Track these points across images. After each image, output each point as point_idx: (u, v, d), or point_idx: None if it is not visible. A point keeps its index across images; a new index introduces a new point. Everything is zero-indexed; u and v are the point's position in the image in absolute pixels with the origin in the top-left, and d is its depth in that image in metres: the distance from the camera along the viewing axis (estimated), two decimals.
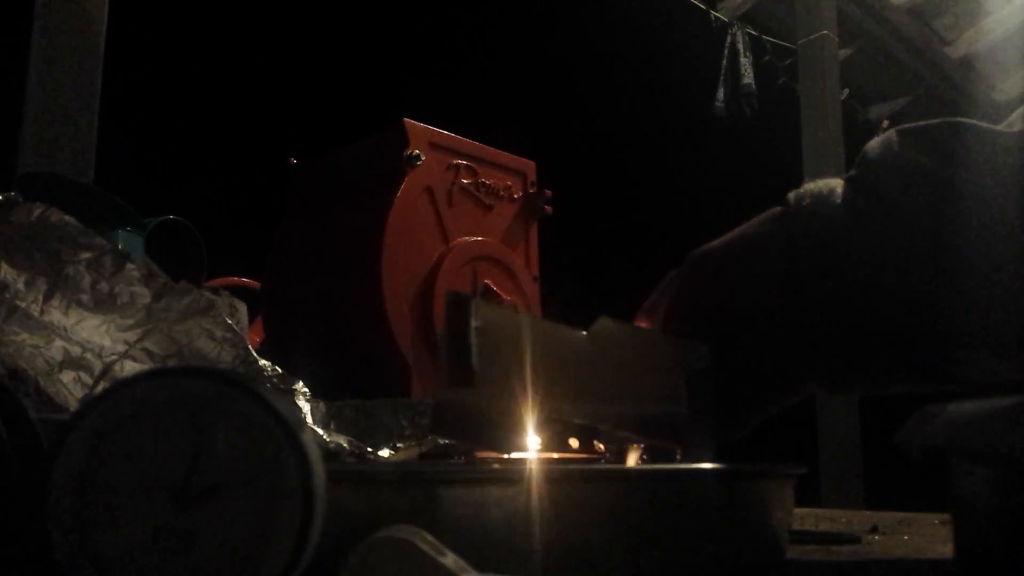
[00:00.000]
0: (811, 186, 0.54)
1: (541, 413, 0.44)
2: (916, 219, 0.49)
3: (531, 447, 0.45)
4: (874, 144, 0.54)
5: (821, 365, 0.53)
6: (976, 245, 0.48)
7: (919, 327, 0.49)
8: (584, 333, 0.47)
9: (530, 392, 0.44)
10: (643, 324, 0.58)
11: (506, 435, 0.43)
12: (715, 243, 0.57)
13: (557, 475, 0.37)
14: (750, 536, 0.41)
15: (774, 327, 0.54)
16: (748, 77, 3.62)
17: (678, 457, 0.49)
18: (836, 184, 0.54)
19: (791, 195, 0.55)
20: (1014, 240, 0.47)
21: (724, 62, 3.63)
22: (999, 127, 0.52)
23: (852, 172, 0.54)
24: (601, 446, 0.52)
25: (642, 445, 0.51)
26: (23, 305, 0.64)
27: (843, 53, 3.70)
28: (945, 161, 0.50)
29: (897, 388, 0.54)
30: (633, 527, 0.37)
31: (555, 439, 0.49)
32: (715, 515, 0.39)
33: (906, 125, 0.54)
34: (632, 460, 0.51)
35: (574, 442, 0.50)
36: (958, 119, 0.52)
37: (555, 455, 0.50)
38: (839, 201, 0.52)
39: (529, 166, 1.05)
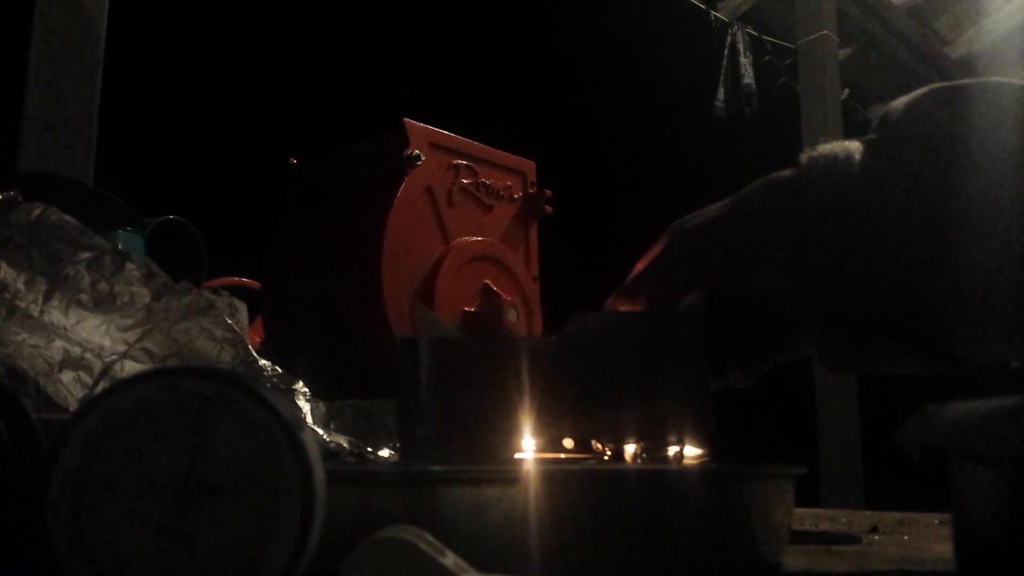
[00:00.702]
0: (826, 148, 0.48)
1: (512, 440, 0.43)
2: (941, 189, 0.44)
3: (528, 449, 0.45)
4: (898, 104, 0.48)
5: (823, 342, 0.49)
6: (1005, 221, 0.43)
7: (932, 308, 0.45)
8: (555, 339, 0.46)
9: (496, 423, 0.43)
10: (625, 306, 0.54)
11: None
12: (707, 216, 0.51)
13: (556, 475, 0.37)
14: (750, 536, 0.41)
15: (773, 305, 0.50)
16: (748, 77, 3.62)
17: (679, 454, 0.48)
18: (854, 148, 0.48)
19: (804, 157, 0.49)
20: None
21: (724, 62, 3.64)
22: None
23: (872, 135, 0.48)
24: (599, 445, 0.52)
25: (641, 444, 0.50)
26: (23, 305, 0.64)
27: (843, 53, 3.70)
28: (979, 126, 0.45)
29: (901, 368, 0.50)
30: (633, 528, 0.37)
31: (550, 440, 0.49)
32: (715, 515, 0.39)
33: (937, 84, 0.48)
34: (630, 458, 0.51)
35: (569, 442, 0.50)
36: (996, 79, 0.47)
37: (553, 455, 0.49)
38: (856, 168, 0.46)
39: (529, 166, 1.05)
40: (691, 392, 0.47)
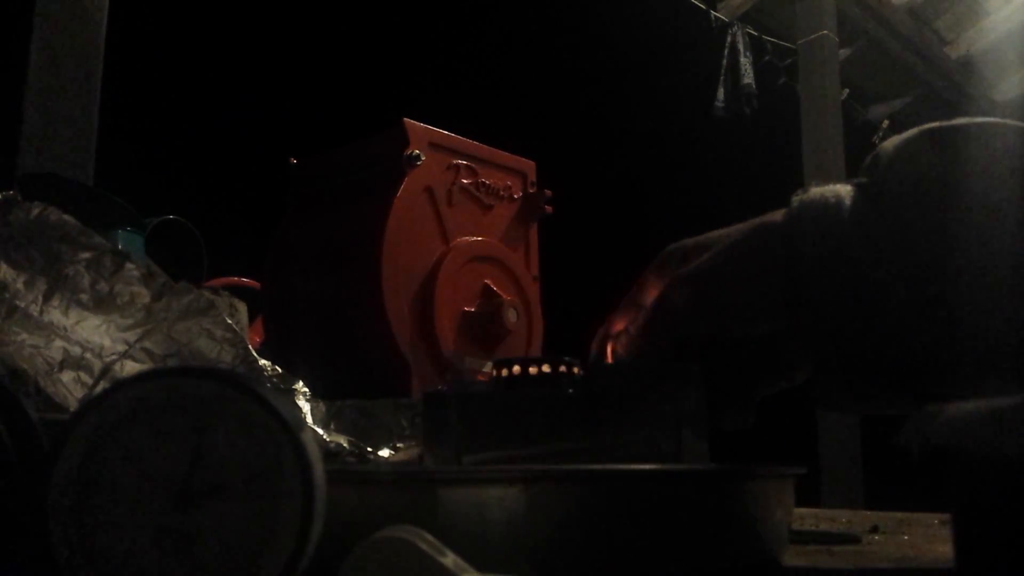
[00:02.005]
0: (816, 193, 0.47)
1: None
2: (936, 238, 0.42)
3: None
4: (890, 146, 0.47)
5: (817, 387, 0.49)
6: (1000, 269, 0.41)
7: (925, 355, 0.44)
8: (571, 392, 0.47)
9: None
10: (613, 343, 0.53)
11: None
12: (701, 263, 0.50)
13: (556, 475, 0.37)
14: (750, 537, 0.41)
15: (767, 350, 0.50)
16: (748, 77, 3.63)
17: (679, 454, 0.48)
18: (845, 192, 0.46)
19: (794, 202, 0.47)
20: None
21: (724, 62, 3.64)
22: None
23: (863, 178, 0.47)
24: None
25: None
26: (23, 305, 0.64)
27: (843, 53, 3.71)
28: (974, 171, 0.43)
29: (898, 410, 0.49)
30: (633, 528, 0.37)
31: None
32: (715, 516, 0.39)
33: (932, 124, 0.47)
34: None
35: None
36: (997, 120, 0.45)
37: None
38: (846, 214, 0.45)
39: (529, 166, 1.05)
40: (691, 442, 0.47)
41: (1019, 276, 0.42)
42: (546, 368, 0.47)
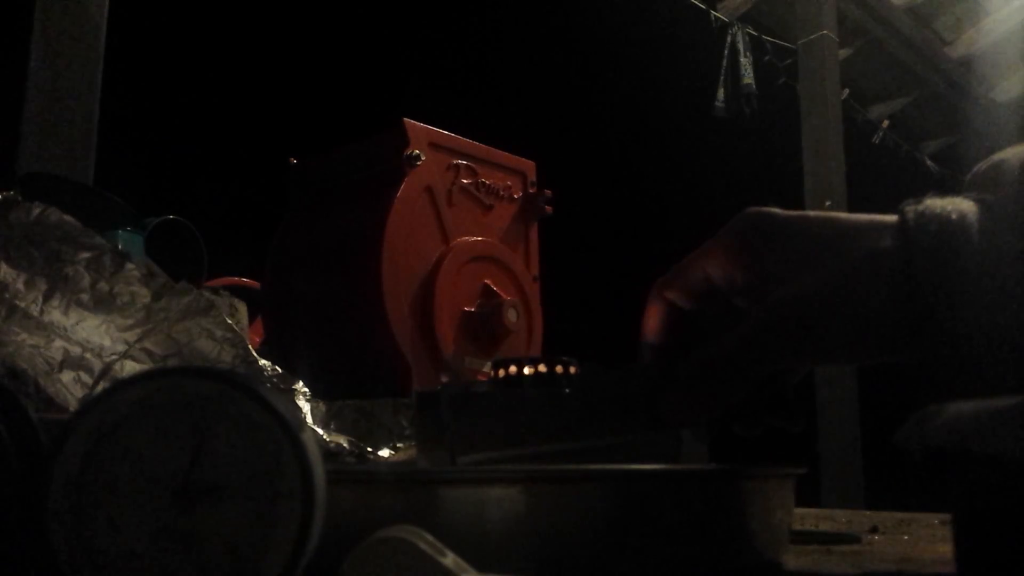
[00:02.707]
0: (934, 205, 0.42)
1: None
2: None
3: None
4: (1014, 158, 0.43)
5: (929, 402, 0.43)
6: None
7: None
8: (567, 391, 0.46)
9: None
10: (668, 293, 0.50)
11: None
12: (803, 289, 0.44)
13: (557, 475, 0.37)
14: (750, 537, 0.41)
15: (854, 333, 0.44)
16: (748, 77, 3.63)
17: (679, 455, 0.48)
18: (967, 208, 0.42)
19: (910, 213, 0.42)
20: None
21: (724, 62, 3.64)
22: None
23: (986, 195, 0.43)
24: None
25: None
26: (23, 305, 0.64)
27: (843, 53, 3.71)
28: None
29: None
30: (633, 527, 0.37)
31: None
32: (715, 516, 0.39)
33: None
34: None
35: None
36: None
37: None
38: (974, 234, 0.41)
39: (529, 166, 1.05)
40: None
41: None
42: (544, 368, 0.47)
